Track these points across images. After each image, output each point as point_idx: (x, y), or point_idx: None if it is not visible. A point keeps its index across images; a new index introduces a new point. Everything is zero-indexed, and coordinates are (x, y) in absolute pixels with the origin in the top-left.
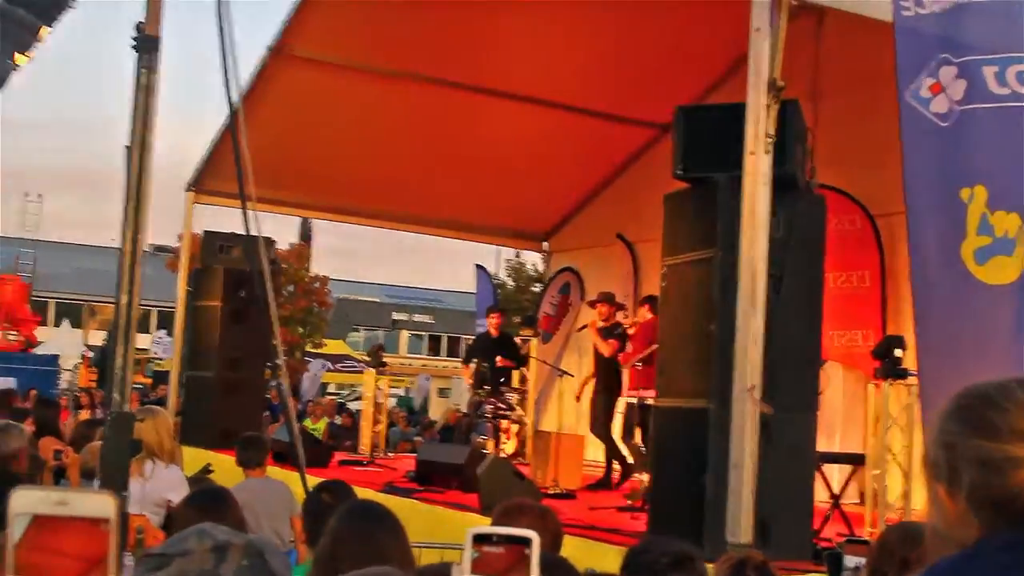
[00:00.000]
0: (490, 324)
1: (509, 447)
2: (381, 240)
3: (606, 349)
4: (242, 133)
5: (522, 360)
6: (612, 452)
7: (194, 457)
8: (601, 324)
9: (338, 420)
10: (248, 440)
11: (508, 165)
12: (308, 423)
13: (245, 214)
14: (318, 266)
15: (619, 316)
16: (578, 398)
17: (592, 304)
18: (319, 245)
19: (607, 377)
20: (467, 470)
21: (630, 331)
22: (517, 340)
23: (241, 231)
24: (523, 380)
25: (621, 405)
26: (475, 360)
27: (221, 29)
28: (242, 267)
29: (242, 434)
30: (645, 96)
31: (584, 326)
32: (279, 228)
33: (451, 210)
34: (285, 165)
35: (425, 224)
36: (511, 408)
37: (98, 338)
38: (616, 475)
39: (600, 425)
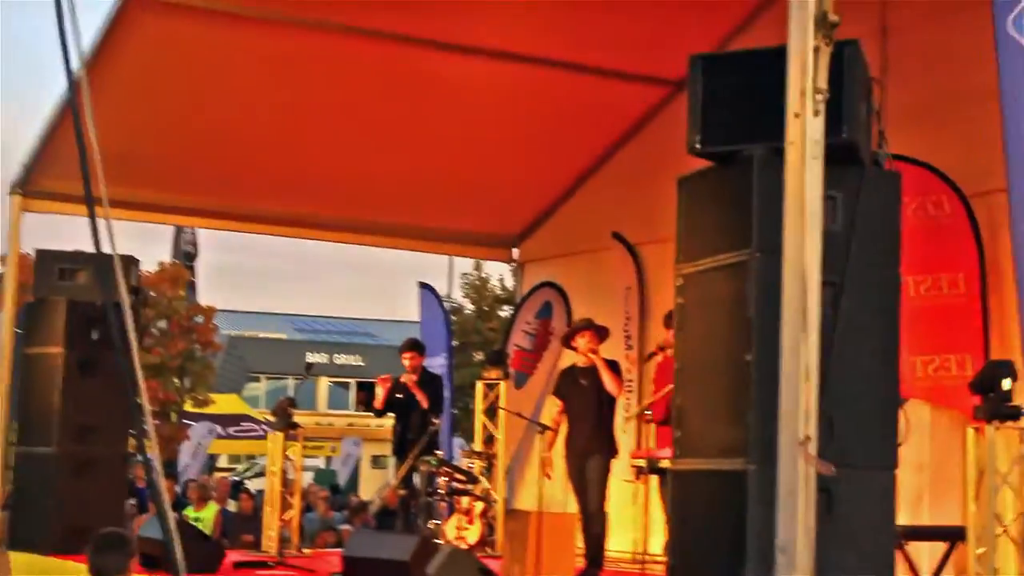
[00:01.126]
0: (406, 366)
1: (472, 534)
2: (290, 256)
3: (616, 388)
4: (87, 111)
5: (436, 398)
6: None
7: (29, 566)
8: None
9: (232, 506)
10: (105, 540)
11: (466, 147)
12: (190, 512)
13: (94, 223)
14: (202, 294)
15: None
16: (546, 473)
17: (571, 335)
18: (203, 265)
19: (606, 430)
20: (414, 569)
21: (657, 358)
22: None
23: (89, 248)
24: (491, 440)
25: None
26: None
27: None
28: (92, 298)
29: (96, 532)
30: (649, 42)
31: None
32: (144, 242)
33: (387, 211)
34: (151, 154)
35: (351, 231)
36: (473, 480)
37: None
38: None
39: (596, 500)
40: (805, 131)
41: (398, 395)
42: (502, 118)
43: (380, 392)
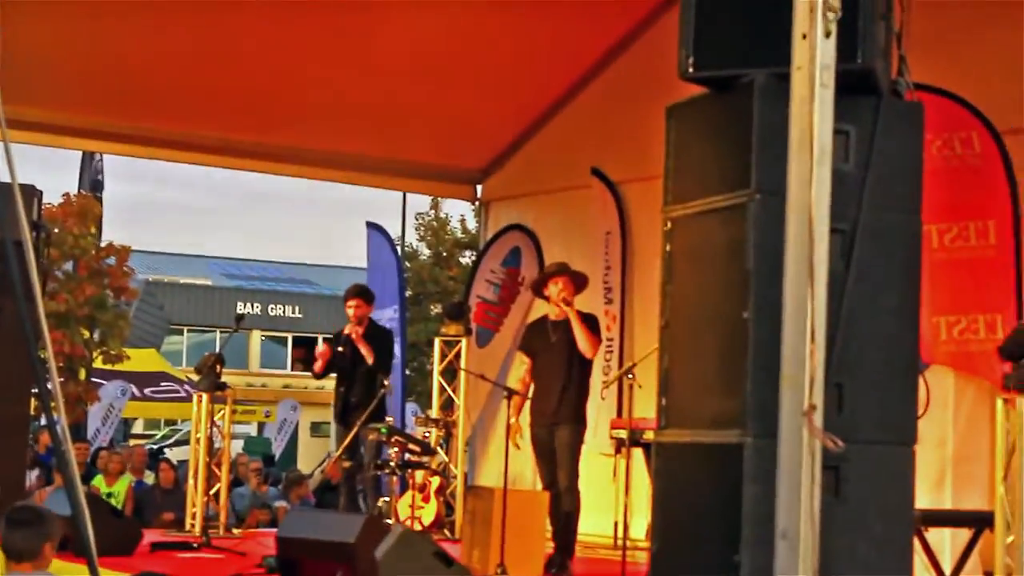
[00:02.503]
0: (350, 316)
1: (427, 514)
2: (216, 189)
3: (590, 346)
4: None
5: (383, 354)
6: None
7: None
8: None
9: (150, 479)
10: (19, 516)
11: (423, 66)
12: (100, 483)
13: None
14: (113, 231)
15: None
16: (514, 442)
17: (541, 283)
18: (114, 197)
19: (576, 395)
20: (360, 552)
21: None
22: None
23: None
24: (449, 405)
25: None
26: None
27: None
28: None
29: (11, 507)
30: None
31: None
32: (47, 169)
33: (330, 138)
34: (55, 69)
35: (289, 161)
36: (428, 451)
37: None
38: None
39: (566, 476)
40: (814, 55)
41: (339, 348)
42: (465, 35)
43: (320, 354)
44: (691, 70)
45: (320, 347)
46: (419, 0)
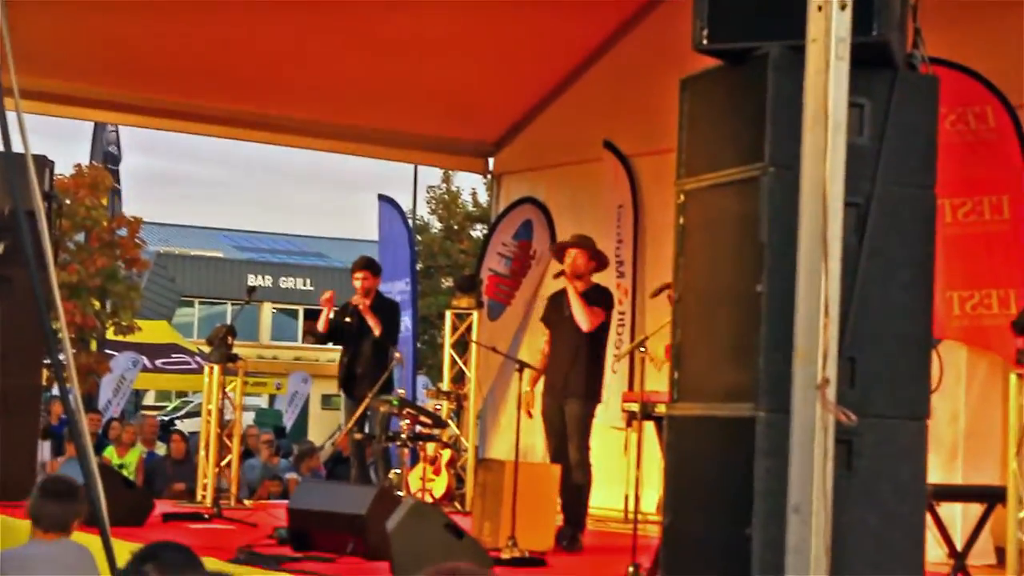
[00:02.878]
0: (357, 288)
1: (438, 486)
2: (230, 160)
3: (585, 319)
4: None
5: (390, 327)
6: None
7: None
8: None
9: (161, 450)
10: (55, 487)
11: (434, 39)
12: (111, 454)
13: (3, 118)
14: (127, 203)
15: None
16: (527, 410)
17: (559, 251)
18: (128, 168)
19: (587, 370)
20: (371, 524)
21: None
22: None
23: None
24: (460, 378)
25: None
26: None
27: None
28: None
29: (46, 479)
30: None
31: (561, 272)
32: (59, 141)
33: (342, 111)
34: (69, 36)
35: (300, 133)
36: (439, 424)
37: None
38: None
39: (577, 449)
40: (830, 27)
41: (347, 319)
42: (477, 8)
43: (324, 312)
44: (705, 42)
45: (325, 295)
46: None
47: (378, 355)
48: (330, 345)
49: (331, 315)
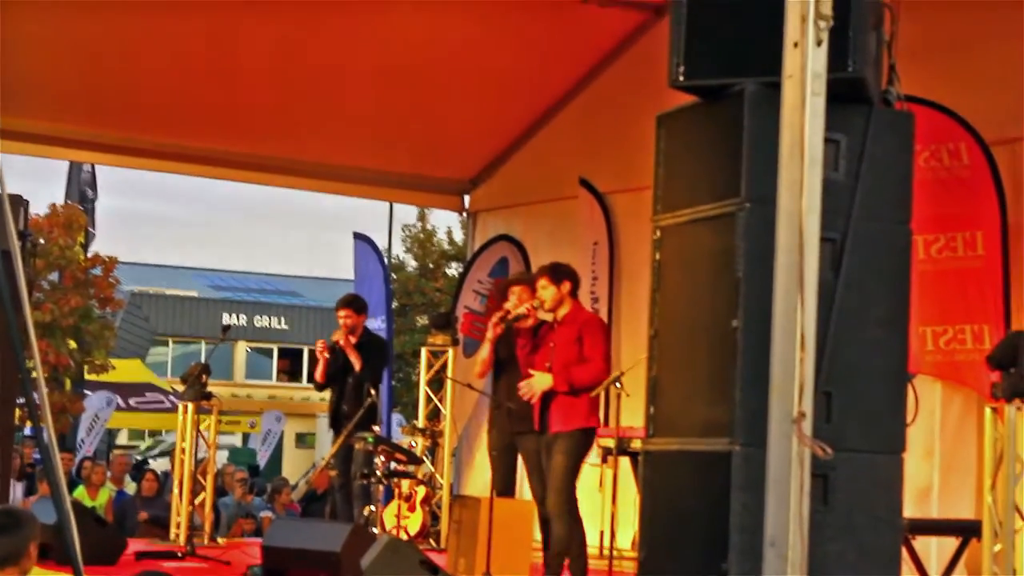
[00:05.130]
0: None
1: (413, 523)
2: (204, 199)
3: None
4: None
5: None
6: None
7: None
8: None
9: (131, 488)
10: (6, 523)
11: (409, 77)
12: (83, 496)
13: None
14: (101, 243)
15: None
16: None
17: (505, 288)
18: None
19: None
20: (345, 561)
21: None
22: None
23: None
24: (435, 415)
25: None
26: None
27: None
28: None
29: None
30: None
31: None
32: (35, 180)
33: (317, 150)
34: (45, 75)
35: (275, 172)
36: (415, 460)
37: None
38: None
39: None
40: (805, 63)
41: (326, 355)
42: (453, 46)
43: (321, 360)
44: (682, 78)
45: (318, 346)
46: (406, 12)
47: (358, 392)
48: (304, 383)
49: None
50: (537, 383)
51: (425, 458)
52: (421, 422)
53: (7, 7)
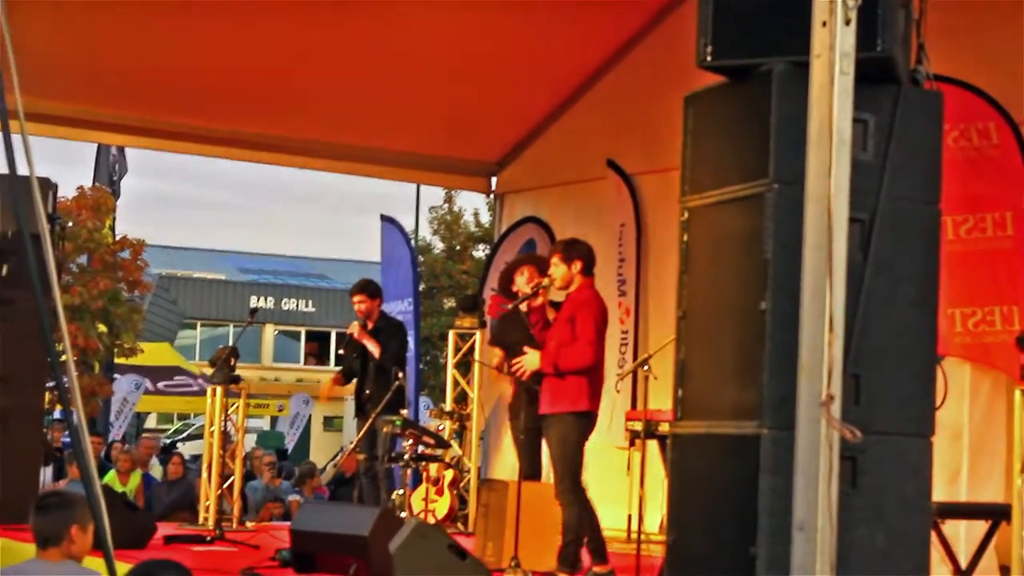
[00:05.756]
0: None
1: (441, 507)
2: (231, 182)
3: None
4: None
5: (394, 351)
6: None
7: None
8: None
9: (156, 471)
10: (44, 502)
11: (436, 59)
12: (112, 479)
13: (8, 140)
14: (128, 225)
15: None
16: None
17: (512, 269)
18: (130, 191)
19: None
20: (374, 545)
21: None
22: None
23: (1, 168)
24: (463, 399)
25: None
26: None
27: None
28: (1, 228)
29: (41, 493)
30: None
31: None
32: (62, 163)
33: (345, 131)
34: (72, 58)
35: (302, 154)
36: (442, 444)
37: None
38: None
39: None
40: (834, 42)
41: (351, 351)
42: (480, 28)
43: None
44: (709, 59)
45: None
46: None
47: (382, 377)
48: (332, 366)
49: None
50: (528, 362)
51: (453, 441)
52: (449, 405)
53: None
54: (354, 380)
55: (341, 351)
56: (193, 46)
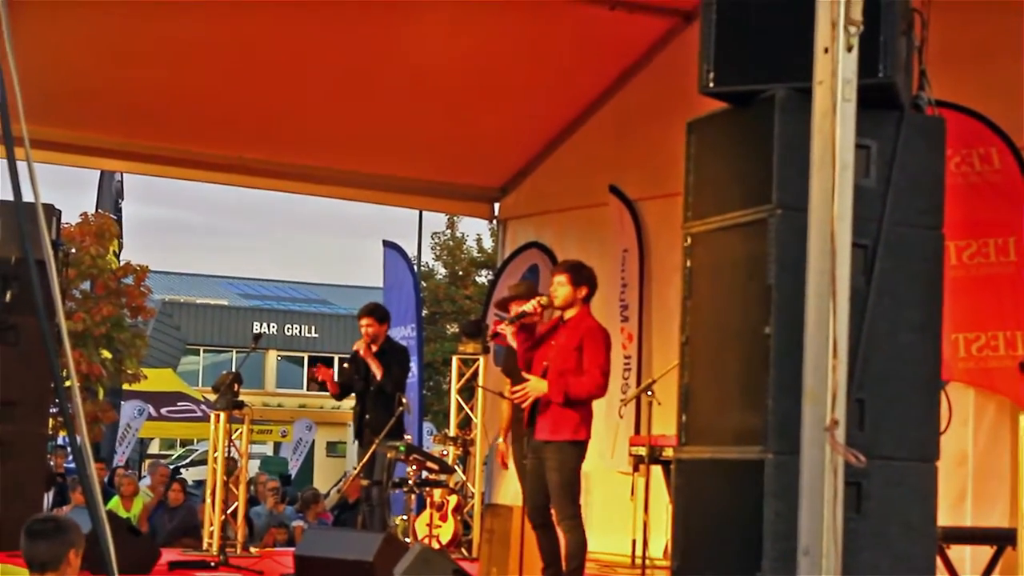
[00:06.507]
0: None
1: (445, 532)
2: (234, 208)
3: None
4: (6, 39)
5: (396, 376)
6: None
7: None
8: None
9: (164, 498)
10: (39, 527)
11: (439, 85)
12: (115, 504)
13: (12, 166)
14: (131, 251)
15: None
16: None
17: (505, 304)
18: (132, 217)
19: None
20: (378, 570)
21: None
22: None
23: (5, 195)
24: (466, 424)
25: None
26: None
27: None
28: (5, 254)
29: (29, 519)
30: None
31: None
32: (66, 190)
33: (347, 157)
34: (76, 85)
35: (305, 180)
36: (446, 469)
37: None
38: None
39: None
40: (836, 69)
41: (344, 365)
42: (483, 54)
43: (327, 382)
44: (712, 85)
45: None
46: (436, 20)
47: (383, 401)
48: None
49: (335, 377)
50: (532, 388)
51: (456, 467)
52: (452, 431)
53: (36, 17)
54: (350, 396)
55: (345, 365)
56: (196, 73)
